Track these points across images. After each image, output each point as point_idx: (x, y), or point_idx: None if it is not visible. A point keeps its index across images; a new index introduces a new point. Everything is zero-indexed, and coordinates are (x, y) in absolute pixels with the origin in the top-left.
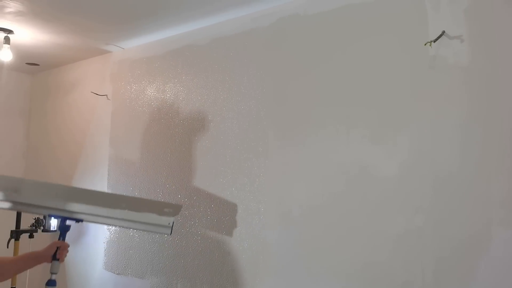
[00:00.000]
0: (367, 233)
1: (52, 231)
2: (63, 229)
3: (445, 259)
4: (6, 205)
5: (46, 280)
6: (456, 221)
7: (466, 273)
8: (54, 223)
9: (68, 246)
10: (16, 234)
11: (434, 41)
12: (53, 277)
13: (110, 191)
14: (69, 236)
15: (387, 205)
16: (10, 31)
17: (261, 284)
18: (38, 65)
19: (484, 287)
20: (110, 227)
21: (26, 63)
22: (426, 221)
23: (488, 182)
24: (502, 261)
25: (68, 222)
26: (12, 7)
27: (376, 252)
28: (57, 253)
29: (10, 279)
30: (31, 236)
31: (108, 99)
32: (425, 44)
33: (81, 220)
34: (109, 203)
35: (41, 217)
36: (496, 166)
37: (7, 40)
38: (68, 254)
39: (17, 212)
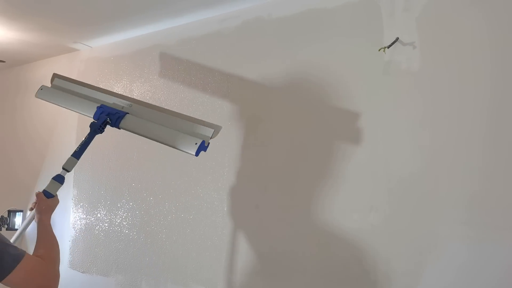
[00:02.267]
0: (323, 230)
1: (17, 229)
2: (98, 129)
3: (397, 256)
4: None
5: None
6: (407, 220)
7: (417, 271)
8: (18, 221)
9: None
10: None
11: (388, 47)
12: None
13: (76, 189)
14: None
15: (343, 203)
16: None
17: (223, 283)
18: (4, 62)
19: (434, 284)
20: (75, 225)
21: None
22: (379, 220)
23: (437, 183)
24: (451, 259)
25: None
26: None
27: (332, 248)
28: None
29: None
30: None
31: None
32: (379, 50)
33: (124, 115)
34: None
35: (5, 215)
36: (444, 167)
37: None
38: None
39: None
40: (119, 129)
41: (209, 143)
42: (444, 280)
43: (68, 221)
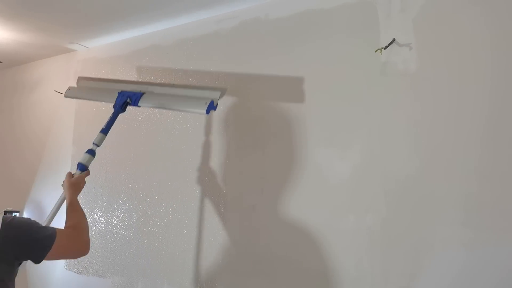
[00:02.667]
0: (320, 231)
1: None
2: (120, 108)
3: (393, 258)
4: None
5: None
6: (404, 221)
7: (413, 271)
8: None
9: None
10: None
11: (385, 48)
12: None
13: None
14: None
15: (339, 204)
16: None
17: (220, 284)
18: (1, 62)
19: (430, 284)
20: None
21: None
22: (376, 221)
23: (434, 184)
24: (447, 259)
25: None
26: None
27: (329, 249)
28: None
29: None
30: None
31: None
32: (376, 51)
33: (141, 95)
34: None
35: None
36: (441, 168)
37: None
38: None
39: None
40: (139, 106)
41: (217, 103)
42: (441, 281)
43: (64, 222)
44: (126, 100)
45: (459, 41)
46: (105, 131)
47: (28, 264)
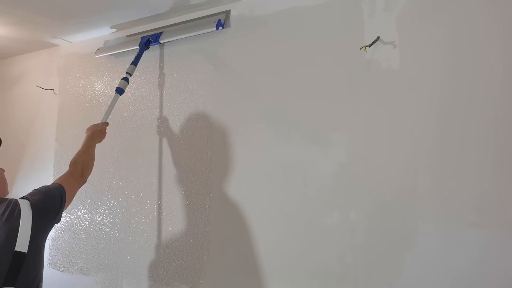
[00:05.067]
0: (305, 227)
1: None
2: (145, 45)
3: (376, 253)
4: None
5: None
6: (386, 217)
7: (395, 266)
8: None
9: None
10: None
11: (369, 46)
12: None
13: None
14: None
15: (324, 200)
16: None
17: (205, 280)
18: None
19: (412, 279)
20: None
21: None
22: (359, 217)
23: (415, 180)
24: (428, 255)
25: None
26: None
27: (313, 245)
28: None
29: None
30: None
31: (54, 93)
32: (360, 49)
33: (160, 33)
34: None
35: None
36: (422, 164)
37: None
38: None
39: None
40: (160, 43)
41: (224, 22)
42: (423, 277)
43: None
44: (148, 38)
45: (441, 39)
46: (135, 63)
47: None
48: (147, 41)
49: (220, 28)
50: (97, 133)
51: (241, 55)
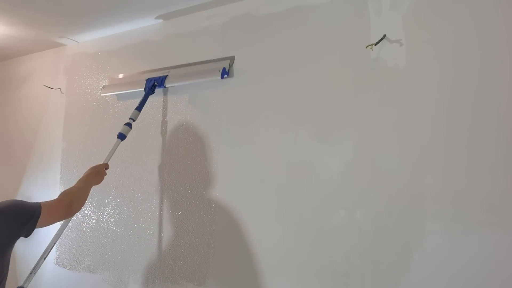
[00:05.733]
0: (312, 226)
1: None
2: (150, 90)
3: (383, 252)
4: None
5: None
6: (393, 216)
7: (402, 266)
8: None
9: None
10: None
11: (375, 44)
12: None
13: (63, 185)
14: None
15: (330, 200)
16: None
17: (211, 278)
18: None
19: (419, 278)
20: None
21: None
22: (366, 216)
23: (423, 179)
24: (436, 255)
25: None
26: None
27: (320, 244)
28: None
29: None
30: None
31: (61, 92)
32: (366, 47)
33: (165, 77)
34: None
35: None
36: (430, 163)
37: None
38: (19, 250)
39: None
40: (165, 87)
41: (229, 69)
42: (430, 275)
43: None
44: (153, 83)
45: (448, 37)
46: (139, 108)
47: (18, 260)
48: (153, 86)
49: (225, 76)
50: (93, 174)
51: (248, 53)
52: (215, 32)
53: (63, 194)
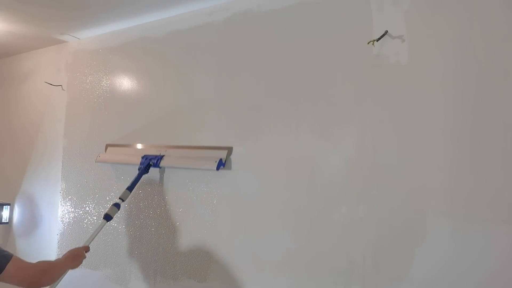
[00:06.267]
0: (313, 223)
1: (4, 223)
2: (144, 170)
3: (385, 248)
4: None
5: None
6: (395, 212)
7: (404, 262)
8: (5, 214)
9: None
10: None
11: (377, 40)
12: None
13: (64, 182)
14: (21, 227)
15: (332, 196)
16: None
17: (212, 274)
18: None
19: (420, 274)
20: (64, 219)
21: None
22: (368, 212)
23: (424, 175)
24: (437, 251)
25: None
26: None
27: (321, 241)
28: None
29: None
30: None
31: (63, 89)
32: (368, 43)
33: (162, 157)
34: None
35: None
36: (432, 160)
37: None
38: (21, 247)
39: None
40: (160, 168)
41: (225, 160)
42: (432, 272)
43: (56, 214)
44: (149, 162)
45: (451, 33)
46: (130, 188)
47: (19, 255)
48: (148, 165)
49: (222, 167)
50: (71, 257)
51: (249, 48)
52: (216, 28)
53: (41, 261)
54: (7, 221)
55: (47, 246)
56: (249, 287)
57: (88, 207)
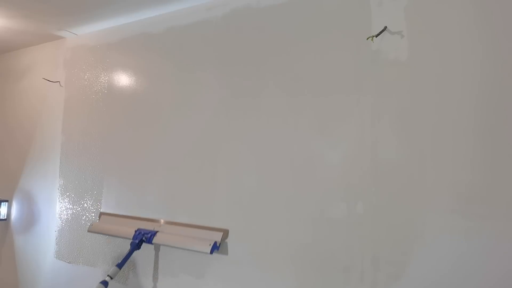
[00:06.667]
0: (312, 220)
1: (2, 219)
2: (136, 246)
3: (383, 245)
4: None
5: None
6: (394, 209)
7: (402, 258)
8: (3, 211)
9: None
10: None
11: (376, 36)
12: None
13: (62, 178)
14: (19, 224)
15: (331, 193)
16: None
17: (210, 270)
18: None
19: (419, 271)
20: (62, 215)
21: None
22: (366, 209)
23: (424, 172)
24: (436, 248)
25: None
26: None
27: (320, 238)
28: None
29: None
30: None
31: (61, 85)
32: (367, 39)
33: (155, 233)
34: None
35: None
36: (432, 156)
37: None
38: (19, 243)
39: None
40: (152, 244)
41: (220, 244)
42: (431, 268)
43: (54, 211)
44: (142, 238)
45: (450, 29)
46: (120, 265)
47: (17, 254)
48: (140, 241)
49: (216, 250)
50: None
51: (247, 44)
52: (214, 24)
53: None
54: (5, 217)
55: (45, 242)
56: (247, 282)
57: (86, 204)
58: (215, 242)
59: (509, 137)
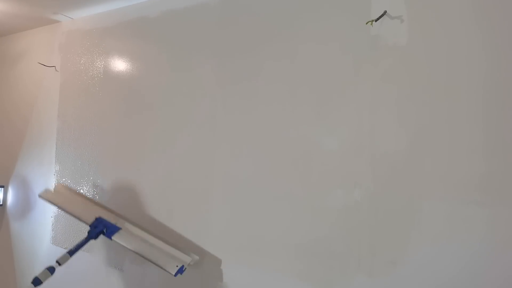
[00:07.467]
0: (309, 207)
1: None
2: (94, 235)
3: (380, 232)
4: None
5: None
6: (391, 196)
7: (399, 245)
8: None
9: None
10: None
11: (376, 21)
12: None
13: (58, 164)
14: (16, 210)
15: (328, 180)
16: None
17: (208, 259)
18: None
19: (416, 257)
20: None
21: None
22: (363, 196)
23: (422, 159)
24: (432, 234)
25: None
26: None
27: (317, 225)
28: None
29: None
30: None
31: (56, 70)
32: (367, 23)
33: (118, 229)
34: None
35: None
36: (430, 143)
37: None
38: (15, 229)
39: None
40: (111, 240)
41: (186, 268)
42: (428, 256)
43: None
44: (102, 229)
45: (450, 14)
46: (71, 253)
47: (14, 239)
48: (99, 232)
49: (179, 275)
50: None
51: (245, 28)
52: (212, 8)
53: None
54: (1, 203)
55: (41, 228)
56: (242, 268)
57: (82, 190)
58: (182, 266)
59: (508, 125)
